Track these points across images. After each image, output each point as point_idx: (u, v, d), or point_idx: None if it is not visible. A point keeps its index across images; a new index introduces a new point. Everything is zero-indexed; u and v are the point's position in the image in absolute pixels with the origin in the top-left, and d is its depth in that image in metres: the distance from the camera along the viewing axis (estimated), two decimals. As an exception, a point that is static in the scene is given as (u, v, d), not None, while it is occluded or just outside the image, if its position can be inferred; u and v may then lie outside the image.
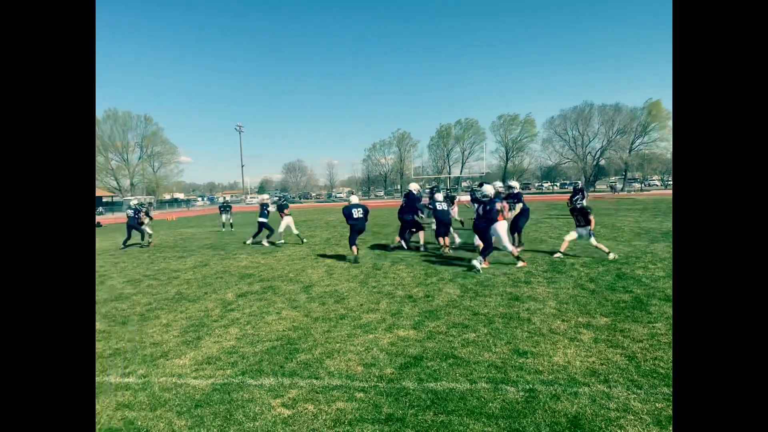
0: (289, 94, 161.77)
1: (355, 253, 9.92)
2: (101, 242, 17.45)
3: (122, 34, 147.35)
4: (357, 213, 10.03)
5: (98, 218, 41.56)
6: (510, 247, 8.52)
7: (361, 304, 6.11)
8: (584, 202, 9.84)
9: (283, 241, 13.84)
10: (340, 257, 10.50)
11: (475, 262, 8.04)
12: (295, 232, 13.94)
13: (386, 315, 5.56)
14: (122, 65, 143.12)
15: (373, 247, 12.08)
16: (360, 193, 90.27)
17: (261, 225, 13.85)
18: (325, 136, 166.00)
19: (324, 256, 10.89)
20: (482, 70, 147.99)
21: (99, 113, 76.47)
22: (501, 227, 8.53)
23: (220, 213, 21.06)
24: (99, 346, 4.90)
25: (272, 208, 14.35)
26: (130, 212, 14.82)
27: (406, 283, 7.29)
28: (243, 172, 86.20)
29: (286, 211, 13.87)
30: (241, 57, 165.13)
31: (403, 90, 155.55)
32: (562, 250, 9.36)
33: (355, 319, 5.44)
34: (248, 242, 14.03)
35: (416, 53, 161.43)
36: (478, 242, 9.65)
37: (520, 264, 8.36)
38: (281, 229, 13.75)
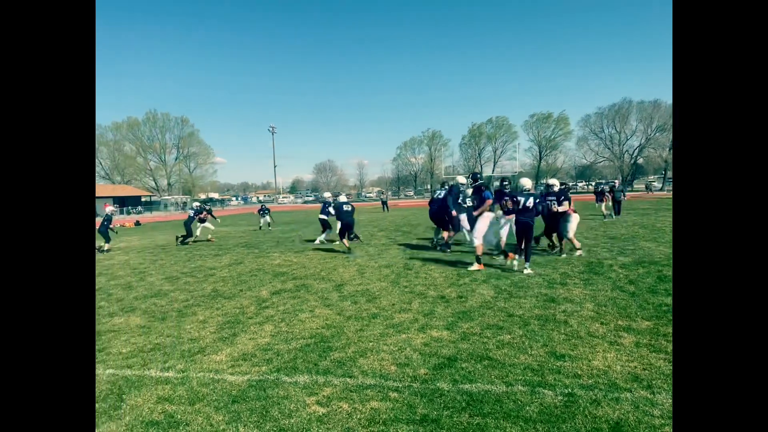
0: (321, 96, 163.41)
1: (347, 245, 11.39)
2: (140, 240, 18.09)
3: (160, 37, 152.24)
4: (347, 208, 11.62)
5: (137, 217, 43.18)
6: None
7: (393, 304, 6.09)
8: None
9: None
10: (371, 256, 10.52)
11: (527, 271, 7.76)
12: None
13: (419, 315, 5.53)
14: (160, 67, 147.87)
15: (404, 246, 12.06)
16: (389, 192, 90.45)
17: (323, 222, 14.15)
18: (355, 136, 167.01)
19: (350, 254, 10.93)
20: (516, 71, 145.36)
21: (139, 116, 79.49)
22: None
23: (261, 215, 21.80)
24: (140, 340, 5.07)
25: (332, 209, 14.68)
26: (191, 212, 16.29)
27: (438, 284, 7.24)
28: (276, 172, 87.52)
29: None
30: (275, 59, 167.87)
31: (433, 88, 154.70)
32: (577, 246, 9.47)
33: (388, 319, 5.43)
34: (323, 239, 13.90)
35: (447, 52, 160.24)
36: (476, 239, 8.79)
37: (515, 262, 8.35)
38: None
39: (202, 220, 16.21)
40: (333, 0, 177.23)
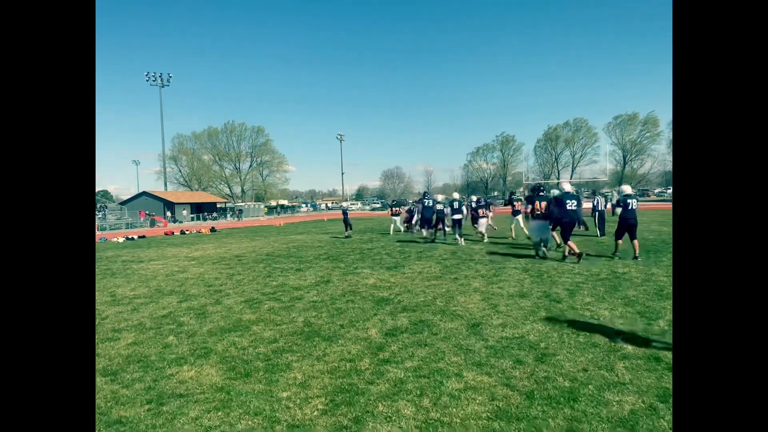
0: (387, 104, 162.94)
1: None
2: (215, 249, 16.93)
3: (237, 48, 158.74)
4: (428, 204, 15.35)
5: (213, 223, 43.68)
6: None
7: (586, 369, 3.93)
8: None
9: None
10: (487, 278, 8.40)
11: None
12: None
13: (649, 396, 3.36)
14: (238, 79, 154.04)
15: (524, 258, 9.78)
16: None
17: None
18: (420, 141, 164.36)
19: (457, 273, 8.85)
20: (596, 73, 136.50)
21: (218, 125, 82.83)
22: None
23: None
24: (215, 420, 3.31)
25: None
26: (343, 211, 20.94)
27: (622, 327, 4.98)
28: (343, 179, 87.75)
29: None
30: (342, 67, 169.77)
31: (508, 92, 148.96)
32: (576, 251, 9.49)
33: (600, 404, 3.30)
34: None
35: (522, 53, 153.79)
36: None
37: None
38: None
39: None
40: (396, 5, 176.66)
